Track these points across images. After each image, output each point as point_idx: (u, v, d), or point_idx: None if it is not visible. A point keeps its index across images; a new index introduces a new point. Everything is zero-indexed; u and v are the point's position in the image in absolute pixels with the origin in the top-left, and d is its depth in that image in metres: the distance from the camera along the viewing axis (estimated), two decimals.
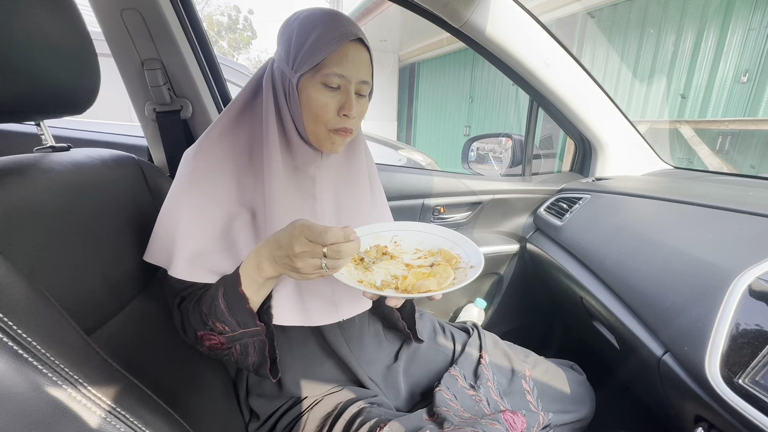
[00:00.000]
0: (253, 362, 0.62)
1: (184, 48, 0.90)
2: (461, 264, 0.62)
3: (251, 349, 0.61)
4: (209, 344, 0.60)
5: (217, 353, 0.62)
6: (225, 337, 0.59)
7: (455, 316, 1.40)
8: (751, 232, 0.67)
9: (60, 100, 0.55)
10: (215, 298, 0.58)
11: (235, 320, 0.57)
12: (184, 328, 0.62)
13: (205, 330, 0.59)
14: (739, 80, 3.14)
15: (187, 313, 0.61)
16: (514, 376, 0.82)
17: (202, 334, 0.59)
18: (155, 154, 1.00)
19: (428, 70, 7.66)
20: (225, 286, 0.58)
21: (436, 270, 0.60)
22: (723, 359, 0.55)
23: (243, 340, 0.60)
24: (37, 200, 0.50)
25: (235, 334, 0.58)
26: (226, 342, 0.59)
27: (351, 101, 0.60)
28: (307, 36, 0.57)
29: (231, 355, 0.62)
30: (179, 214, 0.61)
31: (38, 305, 0.42)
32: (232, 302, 0.57)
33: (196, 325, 0.59)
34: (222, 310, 0.57)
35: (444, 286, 0.56)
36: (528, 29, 1.02)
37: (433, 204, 1.27)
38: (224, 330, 0.58)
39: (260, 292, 0.59)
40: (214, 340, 0.59)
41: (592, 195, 1.10)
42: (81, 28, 0.54)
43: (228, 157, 0.63)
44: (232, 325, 0.58)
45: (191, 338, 0.62)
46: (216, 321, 0.58)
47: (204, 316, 0.58)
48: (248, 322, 0.58)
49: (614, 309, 0.81)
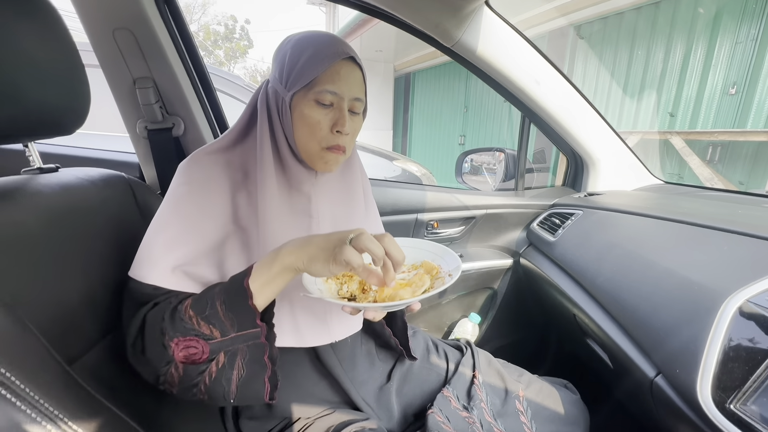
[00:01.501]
0: (238, 377, 0.53)
1: (176, 66, 0.91)
2: (441, 273, 0.63)
3: (239, 360, 0.53)
4: (185, 354, 0.51)
5: (188, 375, 0.52)
6: (211, 343, 0.51)
7: (449, 331, 1.39)
8: (740, 254, 0.67)
9: (49, 122, 0.54)
10: (210, 296, 0.52)
11: (229, 321, 0.51)
12: (144, 342, 0.52)
13: (187, 336, 0.51)
14: (727, 92, 3.20)
15: (157, 321, 0.52)
16: (507, 397, 0.81)
17: (178, 342, 0.50)
18: (146, 171, 0.99)
19: (423, 79, 7.75)
20: (227, 283, 0.53)
21: (413, 280, 0.60)
22: (714, 383, 0.55)
23: (233, 346, 0.52)
24: (23, 226, 0.50)
25: (225, 339, 0.51)
26: (211, 350, 0.51)
27: (344, 117, 0.60)
28: (299, 56, 0.58)
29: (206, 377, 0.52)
30: (170, 223, 0.58)
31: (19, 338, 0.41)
32: (231, 298, 0.52)
33: (172, 332, 0.51)
34: (216, 309, 0.51)
35: (417, 294, 0.55)
36: (518, 48, 1.04)
37: (427, 219, 1.27)
38: (212, 334, 0.51)
39: (267, 289, 0.52)
40: (194, 349, 0.51)
41: (584, 211, 1.11)
42: (70, 48, 0.54)
43: (224, 172, 0.62)
44: (224, 328, 0.51)
45: (151, 353, 0.52)
46: (204, 322, 0.51)
47: (188, 319, 0.51)
48: (245, 322, 0.52)
49: (607, 328, 0.80)
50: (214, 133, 1.03)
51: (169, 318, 0.52)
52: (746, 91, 3.08)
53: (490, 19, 0.97)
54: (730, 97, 3.19)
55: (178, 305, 0.53)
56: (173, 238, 0.57)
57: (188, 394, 0.53)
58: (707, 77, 3.31)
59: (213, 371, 0.52)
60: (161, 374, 0.52)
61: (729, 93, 3.19)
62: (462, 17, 0.92)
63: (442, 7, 0.88)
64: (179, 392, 0.53)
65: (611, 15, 3.93)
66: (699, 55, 3.36)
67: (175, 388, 0.53)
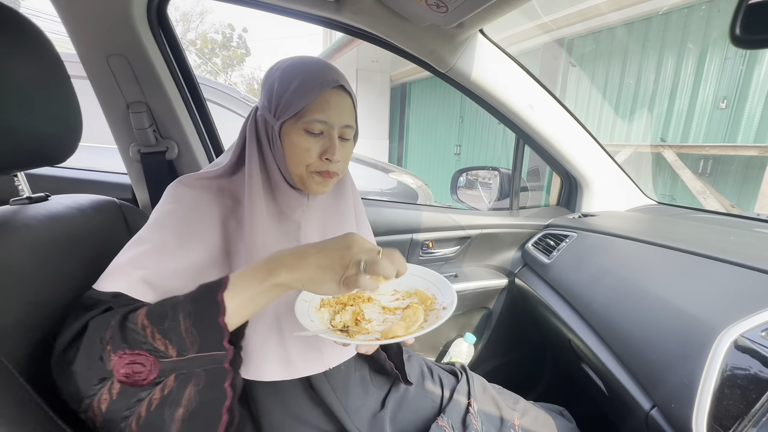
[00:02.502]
0: (186, 408, 0.43)
1: (170, 90, 0.90)
2: (436, 305, 0.62)
3: (190, 388, 0.43)
4: (127, 372, 0.41)
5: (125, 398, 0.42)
6: (163, 362, 0.42)
7: (444, 351, 1.38)
8: (733, 285, 0.68)
9: (39, 153, 0.54)
10: (172, 306, 0.45)
11: (191, 338, 0.43)
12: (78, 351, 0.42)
13: (135, 349, 0.42)
14: (717, 107, 3.26)
15: (100, 328, 0.43)
16: (503, 426, 0.80)
17: (123, 356, 0.41)
18: (139, 194, 0.99)
19: (419, 90, 7.82)
20: (195, 292, 0.46)
21: (407, 313, 0.60)
22: (710, 419, 0.55)
23: (187, 369, 0.43)
24: (11, 261, 0.49)
25: (181, 359, 0.43)
26: (160, 371, 0.42)
27: (334, 146, 0.60)
28: (288, 84, 0.58)
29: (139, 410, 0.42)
30: (151, 238, 0.54)
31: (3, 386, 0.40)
32: (198, 311, 0.44)
33: (119, 342, 0.42)
34: (177, 322, 0.43)
35: (411, 330, 0.55)
36: (512, 74, 1.05)
37: (422, 239, 1.27)
38: (166, 352, 0.42)
39: (248, 307, 0.47)
40: (140, 366, 0.42)
41: (579, 233, 1.11)
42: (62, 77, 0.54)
43: (215, 198, 0.61)
44: (182, 345, 0.43)
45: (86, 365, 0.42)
46: (160, 336, 0.42)
47: (141, 329, 0.42)
48: (210, 343, 0.43)
49: (601, 355, 0.80)
50: (209, 157, 1.02)
51: (118, 326, 0.43)
52: (736, 106, 3.14)
53: (485, 47, 0.98)
54: (720, 112, 3.25)
55: (131, 312, 0.45)
56: (152, 249, 0.52)
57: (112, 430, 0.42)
58: (698, 92, 3.37)
59: (155, 399, 0.42)
60: (88, 396, 0.41)
61: (719, 107, 3.25)
62: (456, 44, 0.93)
63: (436, 36, 0.89)
64: (102, 424, 0.42)
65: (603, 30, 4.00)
66: (689, 70, 3.42)
67: (99, 418, 0.41)
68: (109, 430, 0.42)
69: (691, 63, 3.40)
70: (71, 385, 0.42)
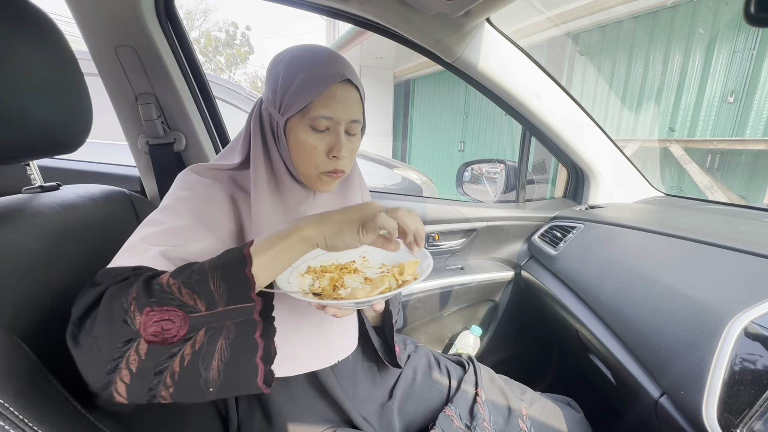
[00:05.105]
0: (220, 360, 0.42)
1: (178, 82, 0.91)
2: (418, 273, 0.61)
3: (222, 340, 0.42)
4: (155, 330, 0.40)
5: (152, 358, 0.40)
6: (192, 317, 0.41)
7: (450, 344, 1.38)
8: (743, 273, 0.67)
9: (51, 142, 0.54)
10: (199, 265, 0.44)
11: (219, 292, 0.42)
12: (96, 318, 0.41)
13: (164, 306, 0.41)
14: (726, 100, 3.22)
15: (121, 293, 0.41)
16: (510, 416, 0.80)
17: (151, 313, 0.40)
18: (147, 186, 0.99)
19: (423, 86, 7.78)
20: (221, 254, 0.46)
21: (375, 280, 0.60)
22: (720, 406, 0.54)
23: (218, 322, 0.43)
24: (24, 248, 0.49)
25: (210, 312, 0.42)
26: (190, 326, 0.41)
27: (341, 143, 0.58)
28: (292, 79, 0.56)
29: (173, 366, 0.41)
30: (165, 221, 0.53)
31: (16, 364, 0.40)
32: (225, 265, 0.44)
33: (145, 300, 0.41)
34: (205, 275, 0.43)
35: (372, 294, 0.54)
36: (519, 63, 1.04)
37: (428, 231, 1.27)
38: (195, 306, 0.42)
39: (275, 263, 0.46)
40: (169, 323, 0.41)
41: (586, 225, 1.11)
42: (73, 66, 0.54)
43: (226, 187, 0.61)
44: (211, 299, 0.42)
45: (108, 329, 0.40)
46: (188, 290, 0.42)
47: (168, 287, 0.42)
48: (238, 294, 0.43)
49: (610, 345, 0.80)
50: (216, 148, 1.03)
51: (143, 286, 0.42)
52: (744, 100, 3.10)
53: (491, 36, 0.98)
54: (728, 106, 3.21)
55: (154, 276, 0.44)
56: (167, 230, 0.52)
57: (145, 392, 0.41)
58: (705, 85, 3.33)
59: (187, 355, 0.41)
60: (113, 358, 0.40)
61: (727, 101, 3.21)
62: (463, 34, 0.92)
63: (443, 25, 0.89)
64: (133, 388, 0.41)
65: (609, 24, 3.96)
66: (697, 64, 3.38)
67: (127, 377, 0.40)
68: (140, 388, 0.41)
69: (699, 56, 3.35)
70: (93, 352, 0.40)
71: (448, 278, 1.26)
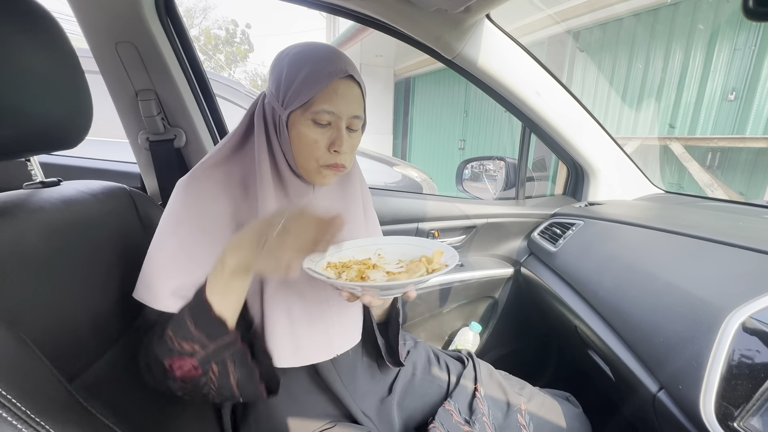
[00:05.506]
0: (237, 381, 0.54)
1: (178, 78, 0.91)
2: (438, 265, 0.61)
3: (230, 366, 0.53)
4: (181, 374, 0.51)
5: (195, 386, 0.53)
6: (197, 358, 0.51)
7: (450, 340, 1.39)
8: (741, 268, 0.67)
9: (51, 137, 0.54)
10: (181, 315, 0.52)
11: (204, 334, 0.50)
12: (149, 364, 0.54)
13: (173, 356, 0.51)
14: (726, 98, 3.21)
15: (152, 345, 0.53)
16: (509, 410, 0.80)
17: (171, 363, 0.51)
18: (148, 182, 0.99)
19: (423, 84, 7.77)
20: (192, 299, 0.52)
21: (410, 266, 0.60)
22: (718, 400, 0.55)
23: (219, 356, 0.52)
24: (25, 243, 0.49)
25: (208, 352, 0.51)
26: (201, 365, 0.51)
27: (342, 137, 0.59)
28: (296, 73, 0.57)
29: (211, 385, 0.53)
30: (168, 247, 0.58)
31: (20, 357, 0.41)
32: (197, 313, 0.51)
33: (163, 354, 0.51)
34: (188, 326, 0.50)
35: (414, 277, 0.54)
36: (519, 60, 1.04)
37: (428, 228, 1.27)
38: (194, 350, 0.50)
39: (227, 298, 0.51)
40: (186, 366, 0.51)
41: (585, 221, 1.11)
42: (73, 61, 0.54)
43: (223, 188, 0.62)
44: (201, 341, 0.50)
45: (158, 375, 0.53)
46: (183, 341, 0.50)
47: (170, 340, 0.51)
48: (217, 332, 0.51)
49: (608, 341, 0.80)
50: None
51: (158, 343, 0.52)
52: (745, 98, 3.09)
53: (491, 32, 0.98)
54: (729, 104, 3.20)
55: (165, 329, 0.53)
56: (172, 258, 0.58)
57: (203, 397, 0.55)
58: (706, 83, 3.33)
59: (213, 379, 0.53)
60: (172, 388, 0.54)
61: (728, 99, 3.20)
62: (463, 30, 0.92)
63: (443, 21, 0.89)
64: (195, 397, 0.55)
65: (610, 21, 3.95)
66: (698, 61, 3.37)
67: (189, 395, 0.55)
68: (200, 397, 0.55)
69: (700, 54, 3.35)
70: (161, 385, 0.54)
71: (448, 275, 1.26)
